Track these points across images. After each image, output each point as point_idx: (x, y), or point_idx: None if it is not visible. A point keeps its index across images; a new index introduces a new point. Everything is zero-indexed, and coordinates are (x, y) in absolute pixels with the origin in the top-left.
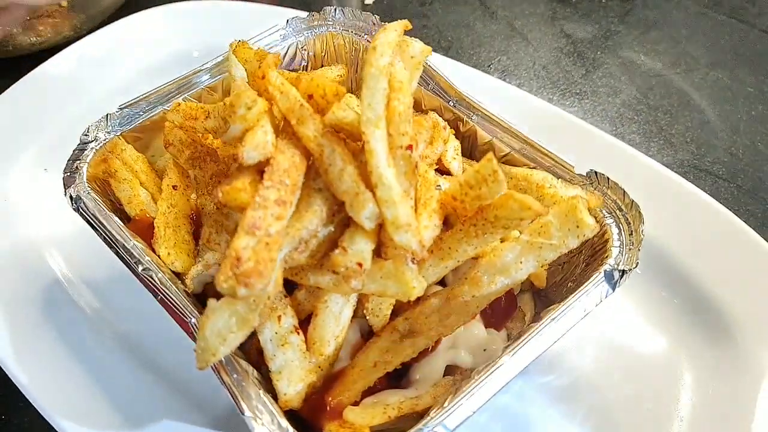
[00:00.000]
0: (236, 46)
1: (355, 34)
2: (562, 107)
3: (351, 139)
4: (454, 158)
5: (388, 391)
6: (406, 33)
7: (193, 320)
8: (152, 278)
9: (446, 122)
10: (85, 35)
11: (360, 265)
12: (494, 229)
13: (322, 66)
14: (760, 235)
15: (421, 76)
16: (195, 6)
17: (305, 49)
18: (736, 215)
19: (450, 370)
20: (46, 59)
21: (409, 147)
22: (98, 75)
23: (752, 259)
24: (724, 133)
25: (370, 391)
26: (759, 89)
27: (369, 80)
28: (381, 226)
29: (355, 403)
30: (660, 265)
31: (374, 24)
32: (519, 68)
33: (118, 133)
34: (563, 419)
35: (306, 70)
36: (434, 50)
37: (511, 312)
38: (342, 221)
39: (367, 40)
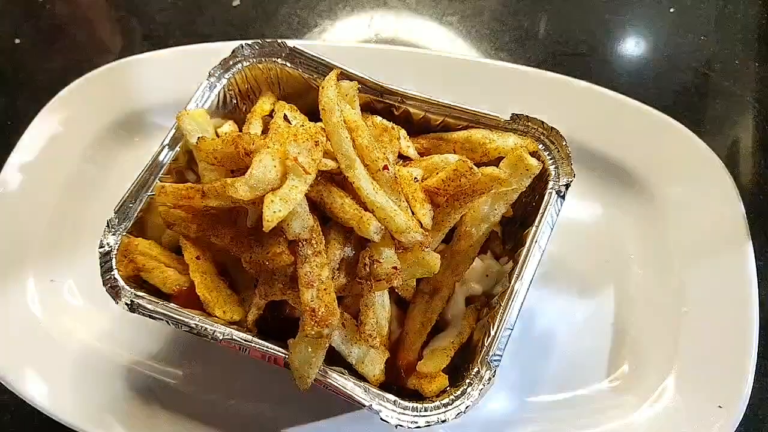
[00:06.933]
0: (183, 116)
1: (265, 60)
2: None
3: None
4: (408, 146)
5: (437, 337)
6: None
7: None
8: (235, 340)
9: (381, 110)
10: None
11: (395, 268)
12: (472, 198)
13: (249, 96)
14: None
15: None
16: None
17: (231, 90)
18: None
19: (468, 300)
20: None
21: (385, 167)
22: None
23: (641, 123)
24: (578, 17)
25: (423, 344)
26: None
27: (332, 137)
28: None
29: (419, 357)
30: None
31: (280, 47)
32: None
33: (123, 233)
34: (554, 295)
35: (238, 106)
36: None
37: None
38: (358, 241)
39: (280, 64)
